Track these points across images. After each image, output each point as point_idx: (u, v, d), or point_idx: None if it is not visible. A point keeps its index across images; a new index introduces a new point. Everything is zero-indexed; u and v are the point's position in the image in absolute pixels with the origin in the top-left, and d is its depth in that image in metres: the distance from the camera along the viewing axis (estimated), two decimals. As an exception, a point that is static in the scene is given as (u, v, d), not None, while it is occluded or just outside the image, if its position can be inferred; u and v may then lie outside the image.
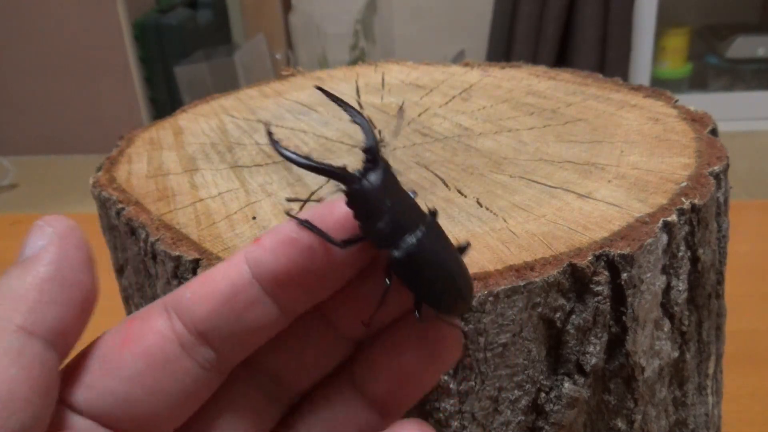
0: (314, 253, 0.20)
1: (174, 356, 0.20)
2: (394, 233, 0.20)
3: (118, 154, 0.43)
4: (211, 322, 0.20)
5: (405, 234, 0.20)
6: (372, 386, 0.22)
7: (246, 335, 0.20)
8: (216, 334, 0.20)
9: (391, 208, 0.20)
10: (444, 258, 0.21)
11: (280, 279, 0.20)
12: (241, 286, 0.20)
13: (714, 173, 0.33)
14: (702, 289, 0.33)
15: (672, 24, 2.29)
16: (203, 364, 0.20)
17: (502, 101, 0.46)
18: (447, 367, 0.22)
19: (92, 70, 2.29)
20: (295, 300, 0.21)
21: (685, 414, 0.35)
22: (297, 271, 0.20)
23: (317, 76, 0.56)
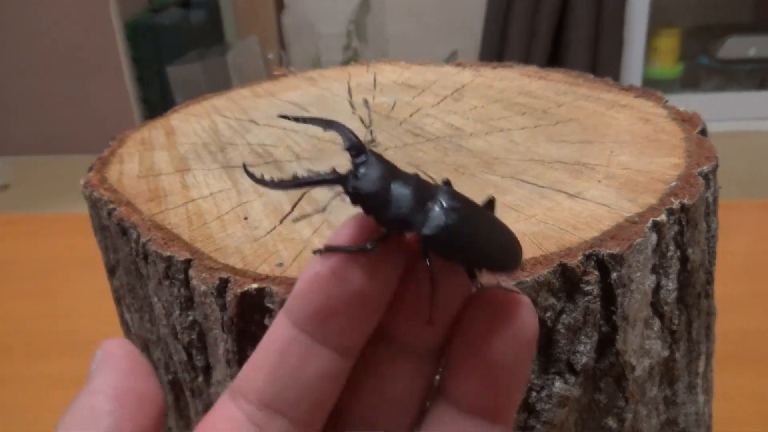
0: (341, 276, 0.19)
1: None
2: (412, 213, 0.19)
3: (110, 155, 0.43)
4: (272, 389, 0.20)
5: (424, 210, 0.19)
6: (464, 392, 0.20)
7: (310, 390, 0.20)
8: (282, 399, 0.20)
9: (399, 192, 0.19)
10: (476, 217, 0.20)
11: (320, 317, 0.19)
12: (289, 342, 0.20)
13: (703, 173, 0.33)
14: (691, 288, 0.33)
15: (664, 24, 2.29)
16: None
17: (493, 101, 0.46)
18: (529, 336, 0.20)
19: (85, 70, 2.28)
20: (344, 334, 0.20)
21: (676, 413, 0.35)
22: (332, 302, 0.19)
23: (309, 76, 0.56)
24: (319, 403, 0.20)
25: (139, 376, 0.20)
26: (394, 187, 0.20)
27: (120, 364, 0.20)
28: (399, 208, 0.19)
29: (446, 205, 0.20)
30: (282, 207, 0.34)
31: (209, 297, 0.28)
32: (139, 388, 0.20)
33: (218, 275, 0.28)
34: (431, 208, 0.20)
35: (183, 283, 0.30)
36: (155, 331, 0.35)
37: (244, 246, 0.31)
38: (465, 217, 0.20)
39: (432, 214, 0.19)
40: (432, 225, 0.19)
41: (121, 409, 0.19)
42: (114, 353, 0.20)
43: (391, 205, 0.19)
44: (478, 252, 0.20)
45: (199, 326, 0.30)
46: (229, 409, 0.20)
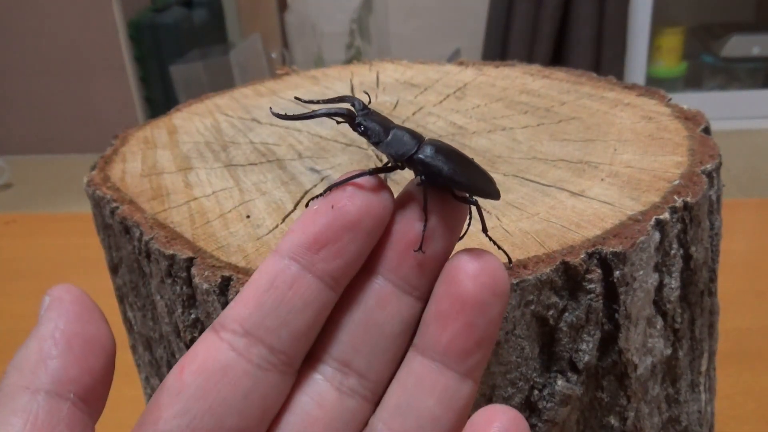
0: (336, 209, 0.20)
1: (229, 363, 0.20)
2: (409, 143, 0.22)
3: (113, 153, 0.43)
4: (256, 317, 0.20)
5: (419, 143, 0.22)
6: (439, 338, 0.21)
7: (293, 318, 0.20)
8: (265, 326, 0.20)
9: (398, 131, 0.23)
10: (460, 156, 0.23)
11: (314, 246, 0.20)
12: (279, 272, 0.20)
13: (706, 171, 0.33)
14: (694, 286, 0.33)
15: (667, 23, 2.29)
16: (261, 363, 0.20)
17: (496, 100, 0.46)
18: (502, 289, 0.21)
19: (87, 69, 2.28)
20: (335, 263, 0.20)
21: (678, 411, 0.35)
22: (327, 231, 0.20)
23: (312, 75, 0.56)
24: (300, 333, 0.20)
25: (87, 321, 0.20)
26: (393, 129, 0.23)
27: (68, 309, 0.20)
28: (398, 139, 0.22)
29: (435, 144, 0.23)
30: (284, 205, 0.34)
31: (211, 295, 0.28)
32: (87, 332, 0.20)
33: (220, 273, 0.28)
34: (424, 143, 0.22)
35: (185, 282, 0.30)
36: (158, 330, 0.35)
37: (247, 244, 0.31)
38: (451, 152, 0.23)
39: (425, 145, 0.22)
40: (426, 152, 0.22)
41: (68, 353, 0.19)
42: (62, 298, 0.20)
43: (395, 131, 0.23)
44: (465, 177, 0.22)
45: (202, 324, 0.30)
46: (210, 341, 0.20)
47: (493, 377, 0.28)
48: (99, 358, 0.20)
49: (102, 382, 0.20)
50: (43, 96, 2.33)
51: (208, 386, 0.20)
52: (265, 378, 0.20)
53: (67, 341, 0.19)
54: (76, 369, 0.19)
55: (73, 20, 2.22)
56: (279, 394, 0.21)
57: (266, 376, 0.20)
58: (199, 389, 0.20)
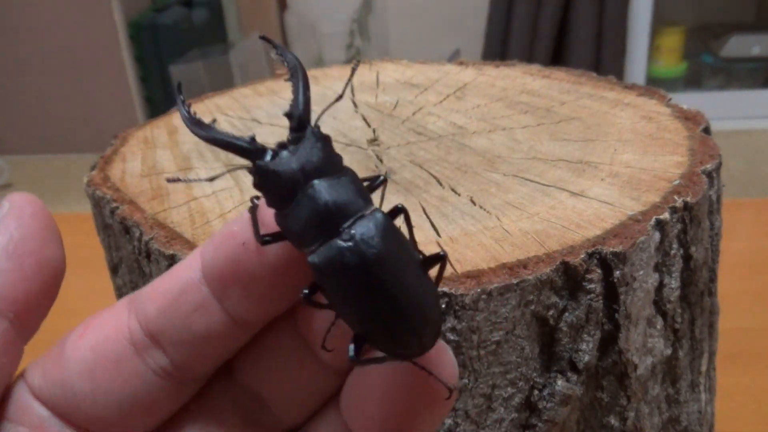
0: (248, 249, 0.18)
1: (125, 356, 0.19)
2: (312, 230, 0.16)
3: (113, 153, 0.43)
4: (159, 322, 0.19)
5: (331, 232, 0.16)
6: (356, 416, 0.20)
7: (196, 341, 0.19)
8: (165, 337, 0.19)
9: (314, 195, 0.16)
10: (387, 273, 0.16)
11: (223, 278, 0.18)
12: (190, 285, 0.19)
13: (707, 171, 0.33)
14: (694, 286, 0.33)
15: (667, 23, 2.29)
16: (156, 369, 0.19)
17: (496, 100, 0.46)
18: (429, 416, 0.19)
19: (87, 69, 2.28)
20: (243, 306, 0.19)
21: (678, 411, 0.35)
22: (236, 269, 0.18)
23: (312, 75, 0.56)
24: (203, 355, 0.19)
25: (43, 239, 0.19)
26: (312, 188, 0.16)
27: (27, 222, 0.19)
28: (301, 217, 0.16)
29: (359, 237, 0.16)
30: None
31: (212, 295, 0.28)
32: (42, 253, 0.19)
33: (221, 273, 0.28)
34: (339, 233, 0.16)
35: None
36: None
37: (247, 244, 0.31)
38: (368, 266, 0.16)
39: (332, 242, 0.16)
40: (324, 254, 0.16)
41: (18, 271, 0.19)
42: (23, 209, 0.19)
43: (296, 209, 0.16)
44: (364, 319, 0.17)
45: (202, 324, 0.30)
46: (119, 318, 0.19)
47: (493, 377, 0.28)
48: (47, 281, 0.19)
49: (44, 306, 0.19)
50: (43, 96, 2.33)
51: (97, 372, 0.19)
52: (158, 384, 0.19)
53: (20, 258, 0.19)
54: (22, 289, 0.18)
55: (73, 20, 2.22)
56: (173, 401, 0.20)
57: (160, 383, 0.19)
58: (87, 369, 0.19)
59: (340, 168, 0.17)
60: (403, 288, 0.16)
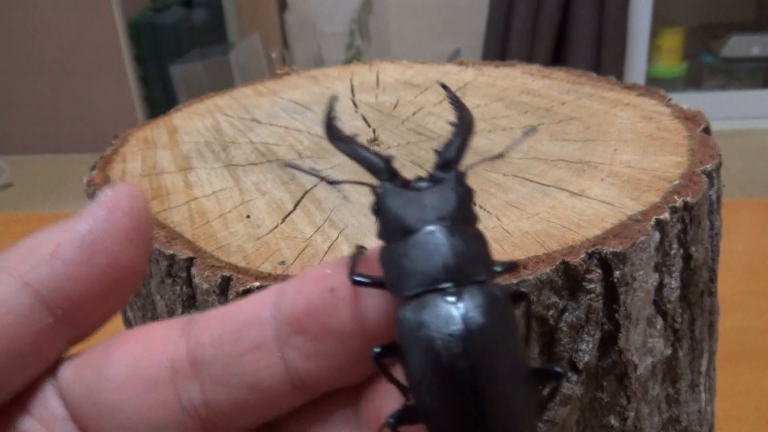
0: (336, 297, 0.16)
1: (161, 379, 0.17)
2: (415, 274, 0.14)
3: (113, 153, 0.43)
4: (208, 352, 0.17)
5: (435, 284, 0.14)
6: None
7: (239, 385, 0.17)
8: (209, 370, 0.17)
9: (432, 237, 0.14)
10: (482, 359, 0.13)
11: (295, 322, 0.16)
12: (254, 320, 0.17)
13: (707, 171, 0.33)
14: (694, 286, 0.33)
15: (667, 23, 2.29)
16: (186, 405, 0.17)
17: (496, 100, 0.46)
18: None
19: (87, 69, 2.28)
20: (305, 361, 0.16)
21: (678, 411, 0.35)
22: (313, 315, 0.16)
23: (312, 75, 0.56)
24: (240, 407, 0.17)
25: (125, 241, 0.17)
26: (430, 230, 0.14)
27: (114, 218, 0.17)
28: (403, 256, 0.14)
29: (465, 309, 0.13)
30: (284, 205, 0.34)
31: (212, 295, 0.28)
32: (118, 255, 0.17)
33: (220, 274, 0.28)
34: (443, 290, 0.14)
35: (185, 282, 0.30)
36: (158, 330, 0.35)
37: (247, 244, 0.31)
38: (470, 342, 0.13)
39: (430, 298, 0.14)
40: (415, 309, 0.14)
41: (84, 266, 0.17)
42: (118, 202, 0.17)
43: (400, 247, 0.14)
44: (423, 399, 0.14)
45: (202, 324, 0.30)
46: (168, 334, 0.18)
47: (493, 377, 0.28)
48: (113, 287, 0.17)
49: (104, 312, 0.18)
50: (43, 96, 2.33)
51: (128, 388, 0.17)
52: (182, 422, 0.17)
53: (92, 254, 0.17)
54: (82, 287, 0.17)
55: (73, 20, 2.22)
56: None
57: (185, 422, 0.17)
58: (120, 382, 0.17)
59: (472, 225, 0.15)
60: (493, 386, 0.13)
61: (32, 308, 0.17)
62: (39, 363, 0.17)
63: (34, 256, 0.17)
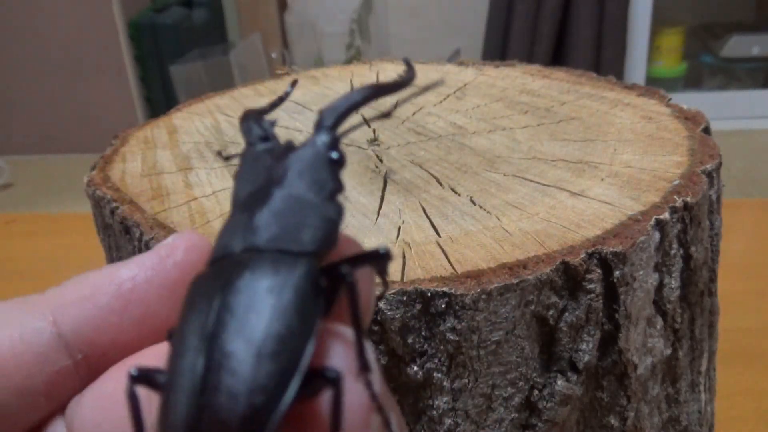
0: None
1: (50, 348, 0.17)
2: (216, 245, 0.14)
3: (113, 153, 0.43)
4: None
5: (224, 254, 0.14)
6: None
7: None
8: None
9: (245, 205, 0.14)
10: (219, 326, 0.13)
11: None
12: None
13: (706, 171, 0.33)
14: (694, 286, 0.33)
15: (667, 23, 2.29)
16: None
17: (496, 100, 0.46)
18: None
19: (87, 69, 2.28)
20: None
21: (678, 411, 0.35)
22: None
23: (312, 75, 0.56)
24: None
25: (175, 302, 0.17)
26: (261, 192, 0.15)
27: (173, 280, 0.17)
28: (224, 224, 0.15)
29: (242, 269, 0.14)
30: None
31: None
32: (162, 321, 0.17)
33: (221, 273, 0.28)
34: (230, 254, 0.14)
35: (185, 282, 0.30)
36: (158, 330, 0.35)
37: (247, 244, 0.31)
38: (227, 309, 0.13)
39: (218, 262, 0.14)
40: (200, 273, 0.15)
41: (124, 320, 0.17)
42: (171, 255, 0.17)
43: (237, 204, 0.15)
44: None
45: (202, 324, 0.30)
46: None
47: (493, 377, 0.28)
48: (147, 343, 0.17)
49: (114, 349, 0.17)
50: (43, 96, 2.33)
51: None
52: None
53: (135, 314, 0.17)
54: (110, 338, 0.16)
55: (73, 20, 2.22)
56: None
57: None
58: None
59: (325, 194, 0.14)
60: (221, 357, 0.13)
61: (51, 348, 0.16)
62: (51, 402, 0.17)
63: (69, 295, 0.17)
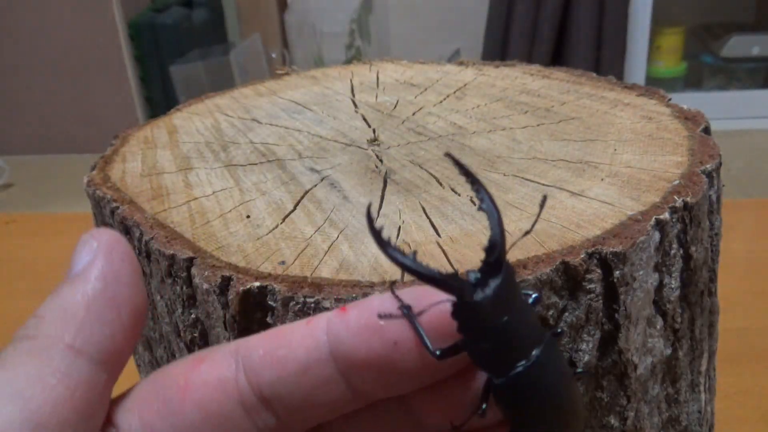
0: (400, 350, 0.18)
1: (234, 415, 0.19)
2: (501, 359, 0.17)
3: (113, 153, 0.43)
4: (278, 390, 0.19)
5: (513, 361, 0.17)
6: None
7: (313, 410, 0.19)
8: (281, 404, 0.19)
9: (504, 327, 0.17)
10: (554, 389, 0.18)
11: (358, 366, 0.18)
12: (317, 360, 0.18)
13: (706, 171, 0.33)
14: (694, 286, 0.33)
15: (667, 23, 2.29)
16: (262, 428, 0.19)
17: (496, 100, 0.46)
18: None
19: (87, 69, 2.28)
20: (372, 389, 0.19)
21: (678, 411, 0.35)
22: (377, 362, 0.18)
23: (312, 75, 0.56)
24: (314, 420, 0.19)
25: (135, 285, 0.19)
26: (505, 321, 0.17)
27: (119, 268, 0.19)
28: (494, 347, 0.17)
29: (533, 365, 0.17)
30: (284, 205, 0.34)
31: (211, 295, 0.28)
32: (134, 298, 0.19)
33: (220, 273, 0.28)
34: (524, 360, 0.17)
35: (185, 282, 0.30)
36: (158, 329, 0.35)
37: (247, 244, 0.31)
38: (540, 386, 0.18)
39: (520, 369, 0.17)
40: (508, 379, 0.17)
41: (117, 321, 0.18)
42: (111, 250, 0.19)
43: (490, 340, 0.17)
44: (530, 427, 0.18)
45: (202, 324, 0.30)
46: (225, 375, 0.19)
47: (493, 377, 0.28)
48: (138, 327, 0.19)
49: (130, 348, 0.19)
50: (43, 96, 2.33)
51: (202, 427, 0.18)
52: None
53: (119, 308, 0.18)
54: (121, 339, 0.18)
55: (74, 20, 2.22)
56: None
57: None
58: (193, 427, 0.18)
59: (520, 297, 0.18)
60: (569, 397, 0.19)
61: (92, 373, 0.18)
62: (103, 415, 0.18)
63: (72, 322, 0.18)
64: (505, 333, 0.17)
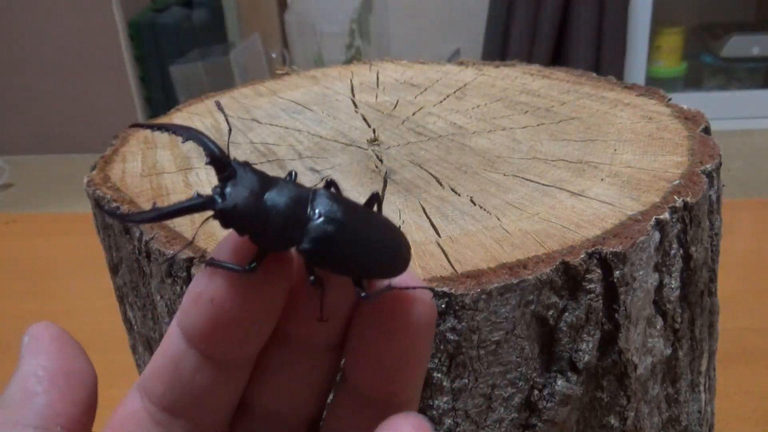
0: (215, 304, 0.19)
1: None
2: (287, 228, 0.18)
3: (113, 153, 0.43)
4: (171, 396, 0.20)
5: (300, 222, 0.18)
6: (363, 381, 0.21)
7: (207, 398, 0.20)
8: (180, 406, 0.20)
9: (272, 206, 0.18)
10: (357, 222, 0.19)
11: (204, 337, 0.19)
12: (180, 354, 0.20)
13: (706, 171, 0.33)
14: (694, 286, 0.33)
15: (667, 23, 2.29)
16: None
17: (496, 100, 0.46)
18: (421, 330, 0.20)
19: (87, 69, 2.28)
20: (230, 352, 0.20)
21: (678, 411, 0.35)
22: (214, 324, 0.19)
23: (312, 75, 0.56)
24: (217, 407, 0.21)
25: (67, 356, 0.20)
26: (267, 202, 0.18)
27: (48, 346, 0.20)
28: (273, 226, 0.18)
29: (324, 213, 0.19)
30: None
31: (212, 295, 0.28)
32: (69, 367, 0.20)
33: (221, 273, 0.28)
34: (308, 218, 0.19)
35: (185, 282, 0.30)
36: (158, 330, 0.35)
37: (247, 244, 0.31)
38: (345, 225, 0.19)
39: (309, 226, 0.19)
40: (310, 238, 0.18)
41: (52, 389, 0.20)
42: (41, 336, 0.21)
43: (264, 224, 0.18)
44: (360, 262, 0.19)
45: (202, 324, 0.30)
46: (135, 405, 0.21)
47: (493, 377, 0.28)
48: (82, 391, 0.20)
49: (87, 413, 0.20)
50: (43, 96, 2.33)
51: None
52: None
53: (51, 378, 0.20)
54: (61, 403, 0.20)
55: (73, 20, 2.22)
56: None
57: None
58: None
59: (269, 176, 0.19)
60: (375, 227, 0.20)
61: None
62: None
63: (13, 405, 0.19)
64: (276, 209, 0.18)
